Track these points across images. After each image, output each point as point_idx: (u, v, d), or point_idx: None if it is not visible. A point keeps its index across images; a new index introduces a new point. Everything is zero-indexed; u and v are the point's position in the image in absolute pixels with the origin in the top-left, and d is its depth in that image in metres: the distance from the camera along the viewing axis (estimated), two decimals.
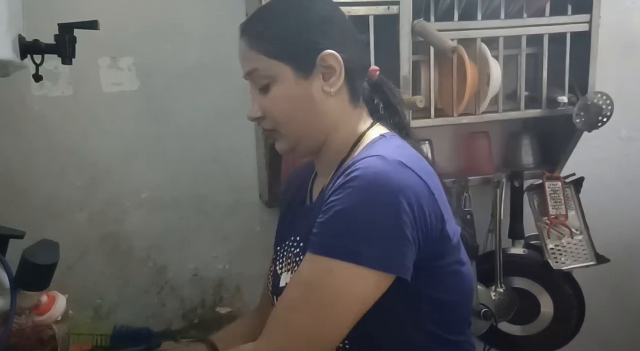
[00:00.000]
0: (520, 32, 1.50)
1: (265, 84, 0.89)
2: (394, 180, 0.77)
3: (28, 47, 0.91)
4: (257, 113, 0.91)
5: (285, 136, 0.92)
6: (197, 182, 1.54)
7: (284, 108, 0.89)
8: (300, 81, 0.87)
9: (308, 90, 0.88)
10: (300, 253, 0.91)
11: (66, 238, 1.42)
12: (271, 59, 0.87)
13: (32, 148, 1.40)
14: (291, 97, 0.88)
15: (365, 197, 0.76)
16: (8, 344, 1.14)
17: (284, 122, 0.90)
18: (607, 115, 1.53)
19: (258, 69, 0.89)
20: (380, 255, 0.75)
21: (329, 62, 0.87)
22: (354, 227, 0.76)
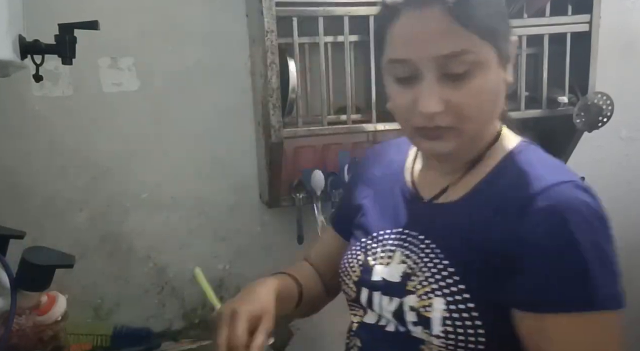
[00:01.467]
0: (520, 32, 1.50)
1: (465, 70, 0.71)
2: (601, 212, 0.72)
3: (28, 47, 0.91)
4: (437, 107, 0.73)
5: (462, 134, 0.76)
6: (197, 182, 1.54)
7: (483, 101, 0.74)
8: (499, 70, 0.74)
9: (501, 80, 0.75)
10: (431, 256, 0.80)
11: (66, 238, 1.43)
12: (483, 40, 0.71)
13: (32, 148, 1.40)
14: (492, 88, 0.74)
15: (590, 232, 0.69)
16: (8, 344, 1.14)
17: (474, 116, 0.74)
18: (607, 115, 1.53)
19: (467, 51, 0.71)
20: (622, 291, 0.73)
21: (514, 48, 0.77)
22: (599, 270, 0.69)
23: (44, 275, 0.87)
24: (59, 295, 0.98)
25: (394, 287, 0.81)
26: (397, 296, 0.80)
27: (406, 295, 0.79)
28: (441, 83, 0.72)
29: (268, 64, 1.32)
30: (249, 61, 1.51)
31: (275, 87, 1.34)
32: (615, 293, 0.70)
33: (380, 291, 0.84)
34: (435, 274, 0.77)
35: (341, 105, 1.50)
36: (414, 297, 0.78)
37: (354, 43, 1.47)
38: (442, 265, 0.77)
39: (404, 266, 0.82)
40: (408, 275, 0.80)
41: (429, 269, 0.78)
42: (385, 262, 0.85)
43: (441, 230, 0.80)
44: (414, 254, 0.81)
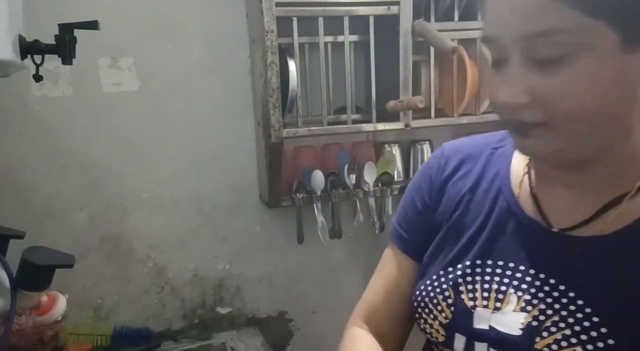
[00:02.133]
0: None
1: (559, 55, 0.56)
2: None
3: (28, 47, 0.91)
4: (521, 98, 0.58)
5: (559, 134, 0.59)
6: (197, 182, 1.54)
7: (587, 93, 0.56)
8: (625, 56, 0.56)
9: (628, 68, 0.57)
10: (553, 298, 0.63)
11: (66, 238, 1.43)
12: (589, 18, 0.55)
13: (32, 148, 1.40)
14: (605, 78, 0.56)
15: None
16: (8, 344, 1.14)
17: (575, 112, 0.57)
18: None
19: (563, 31, 0.55)
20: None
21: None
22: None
23: (44, 275, 0.87)
24: (59, 295, 0.98)
25: (514, 342, 0.63)
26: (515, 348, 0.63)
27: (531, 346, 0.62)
28: (530, 69, 0.58)
29: (268, 64, 1.32)
30: (249, 61, 1.51)
31: (275, 87, 1.34)
32: None
33: (487, 343, 0.66)
34: (581, 334, 0.60)
35: (341, 105, 1.50)
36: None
37: (354, 43, 1.47)
38: (591, 322, 0.60)
39: (525, 315, 0.64)
40: (534, 328, 0.62)
41: (569, 326, 0.61)
42: (493, 305, 0.67)
43: (584, 274, 0.62)
44: (540, 301, 0.64)
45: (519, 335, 0.63)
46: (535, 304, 0.63)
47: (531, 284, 0.65)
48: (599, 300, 0.60)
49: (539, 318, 0.63)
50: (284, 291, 1.67)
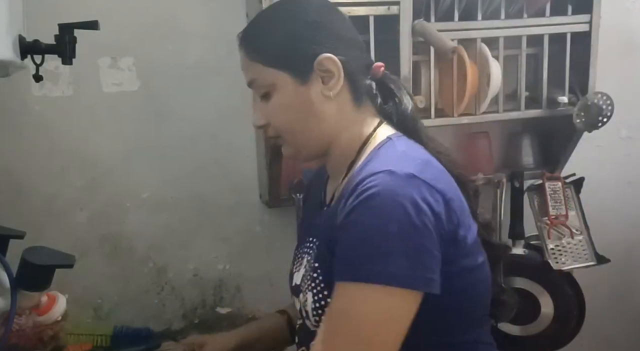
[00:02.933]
0: (520, 32, 1.50)
1: (265, 92, 0.90)
2: (406, 196, 0.76)
3: (28, 47, 0.91)
4: (260, 121, 0.93)
5: (288, 142, 0.93)
6: (197, 182, 1.54)
7: (285, 115, 0.90)
8: (299, 87, 0.88)
9: (307, 95, 0.88)
10: (311, 253, 0.92)
11: (66, 238, 1.43)
12: (268, 67, 0.88)
13: (32, 148, 1.40)
14: (291, 104, 0.89)
15: (381, 216, 0.75)
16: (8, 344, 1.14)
17: (286, 128, 0.91)
18: (607, 115, 1.53)
19: (257, 78, 0.90)
20: (405, 272, 0.74)
21: (327, 65, 0.86)
22: (374, 247, 0.75)
23: (44, 275, 0.87)
24: (59, 295, 0.98)
25: (297, 289, 0.93)
26: (297, 296, 0.93)
27: (298, 294, 0.92)
28: (261, 102, 0.92)
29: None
30: None
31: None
32: (382, 270, 0.74)
33: (294, 294, 0.96)
34: (312, 272, 0.88)
35: None
36: (302, 295, 0.90)
37: None
38: (312, 264, 0.89)
39: (304, 269, 0.93)
40: (304, 276, 0.91)
41: (311, 265, 0.89)
42: (297, 269, 0.96)
43: (321, 231, 0.91)
44: (311, 257, 0.92)
45: (298, 283, 0.93)
46: (309, 261, 0.91)
47: (311, 248, 0.93)
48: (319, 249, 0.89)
49: (307, 268, 0.91)
50: (284, 291, 1.65)
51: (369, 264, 0.75)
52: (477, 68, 1.46)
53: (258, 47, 0.89)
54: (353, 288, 0.76)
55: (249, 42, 0.91)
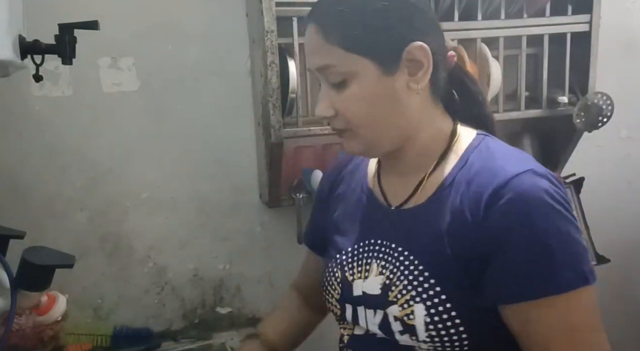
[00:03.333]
0: (520, 32, 1.50)
1: (340, 80, 0.78)
2: (558, 195, 0.74)
3: (28, 47, 0.91)
4: (328, 111, 0.81)
5: (360, 136, 0.81)
6: (197, 182, 1.54)
7: (363, 107, 0.79)
8: (384, 77, 0.77)
9: (392, 87, 0.78)
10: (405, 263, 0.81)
11: (66, 238, 1.43)
12: (351, 53, 0.76)
13: (32, 148, 1.40)
14: (372, 95, 0.78)
15: (552, 219, 0.72)
16: (8, 344, 1.14)
17: (361, 122, 0.80)
18: (607, 115, 1.53)
19: (334, 65, 0.78)
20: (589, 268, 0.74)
21: (417, 55, 0.77)
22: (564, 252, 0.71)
23: (44, 275, 0.87)
24: (59, 295, 0.98)
25: (376, 300, 0.82)
26: (380, 308, 0.82)
27: (388, 306, 0.80)
28: (331, 89, 0.80)
29: (268, 64, 1.32)
30: (249, 61, 1.51)
31: (275, 87, 1.34)
32: (582, 270, 0.72)
33: (363, 305, 0.85)
34: (413, 281, 0.79)
35: None
36: (396, 307, 0.79)
37: None
38: (418, 271, 0.79)
39: (381, 277, 0.83)
40: (387, 285, 0.81)
41: (406, 277, 0.80)
42: (363, 275, 0.86)
43: (411, 236, 0.82)
44: (389, 264, 0.82)
45: (378, 293, 0.82)
46: (387, 267, 0.83)
47: (384, 252, 0.84)
48: (424, 254, 0.79)
49: (389, 277, 0.81)
50: (284, 291, 1.66)
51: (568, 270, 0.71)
52: (477, 68, 1.46)
53: (341, 29, 0.77)
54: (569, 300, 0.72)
55: (328, 21, 0.77)
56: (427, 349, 0.78)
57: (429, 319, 0.76)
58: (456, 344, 0.76)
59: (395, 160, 0.86)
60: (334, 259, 0.92)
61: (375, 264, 0.84)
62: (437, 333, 0.76)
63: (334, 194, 0.99)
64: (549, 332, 0.73)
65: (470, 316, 0.76)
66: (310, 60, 0.81)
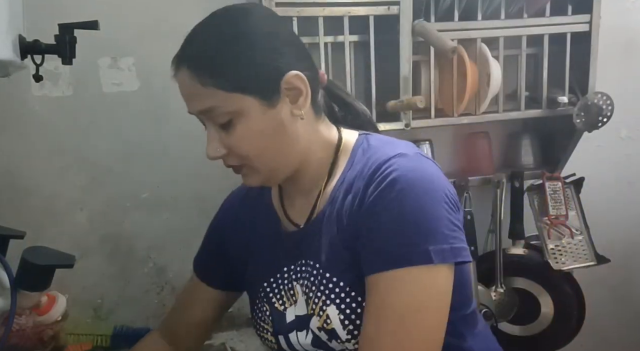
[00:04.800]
0: (520, 32, 1.50)
1: (226, 120, 0.79)
2: (429, 174, 0.77)
3: (28, 47, 0.91)
4: (219, 152, 0.82)
5: (256, 169, 0.83)
6: (197, 182, 1.54)
7: (254, 142, 0.80)
8: (268, 110, 0.78)
9: (277, 118, 0.79)
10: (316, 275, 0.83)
11: (66, 238, 1.43)
12: (231, 93, 0.77)
13: (32, 148, 1.40)
14: (261, 130, 0.79)
15: (414, 197, 0.74)
16: (8, 344, 1.14)
17: (255, 156, 0.81)
18: (607, 115, 1.53)
19: (217, 106, 0.78)
20: (444, 247, 0.74)
21: (294, 83, 0.79)
22: (414, 229, 0.74)
23: (44, 275, 0.87)
24: (59, 295, 0.97)
25: (303, 319, 0.85)
26: (306, 325, 0.84)
27: (309, 320, 0.83)
28: (218, 130, 0.81)
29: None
30: None
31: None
32: (424, 250, 0.73)
33: (295, 329, 0.86)
34: (324, 289, 0.81)
35: None
36: (315, 318, 0.82)
37: (354, 43, 1.47)
38: (326, 278, 0.82)
39: (304, 297, 0.85)
40: (308, 301, 0.84)
41: (318, 287, 0.82)
42: (292, 300, 0.88)
43: (317, 247, 0.84)
44: (307, 281, 0.85)
45: (305, 313, 0.84)
46: (306, 285, 0.85)
47: (302, 271, 0.86)
48: (327, 259, 0.82)
49: (308, 293, 0.84)
50: None
51: (417, 247, 0.73)
52: (477, 68, 1.46)
53: (216, 71, 0.77)
54: (404, 274, 0.73)
55: (200, 65, 0.79)
56: (354, 348, 0.80)
57: (343, 316, 0.79)
58: None
59: (295, 182, 0.88)
60: (258, 294, 0.93)
61: (298, 286, 0.87)
62: (354, 327, 0.79)
63: (239, 224, 1.00)
64: (379, 308, 0.75)
65: None
66: (190, 105, 0.82)
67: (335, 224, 0.82)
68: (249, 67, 0.77)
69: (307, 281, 0.85)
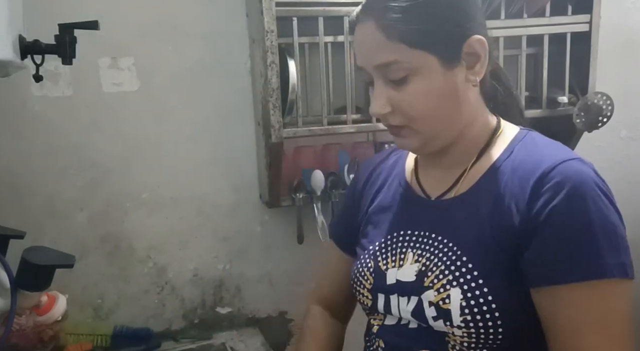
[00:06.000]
0: (520, 32, 1.50)
1: (402, 76, 0.78)
2: (603, 185, 0.76)
3: (28, 47, 0.91)
4: (385, 108, 0.81)
5: (419, 132, 0.82)
6: (197, 182, 1.54)
7: (426, 102, 0.79)
8: (447, 72, 0.78)
9: (453, 81, 0.79)
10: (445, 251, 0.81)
11: (66, 238, 1.43)
12: (414, 49, 0.76)
13: (32, 148, 1.40)
14: (436, 90, 0.78)
15: (598, 206, 0.73)
16: (8, 344, 1.14)
17: (421, 117, 0.80)
18: (607, 115, 1.53)
19: (398, 61, 0.77)
20: (630, 262, 0.74)
21: (476, 48, 0.78)
22: (607, 239, 0.72)
23: (44, 275, 0.87)
24: (59, 295, 0.98)
25: (410, 286, 0.83)
26: (415, 294, 0.82)
27: (423, 291, 0.81)
28: (388, 86, 0.80)
29: (268, 64, 1.32)
30: (249, 61, 1.51)
31: (275, 87, 1.34)
32: (623, 262, 0.72)
33: (396, 293, 0.85)
34: (450, 266, 0.79)
35: (341, 105, 1.50)
36: (431, 292, 0.80)
37: None
38: (456, 256, 0.80)
39: (417, 265, 0.83)
40: (423, 272, 0.82)
41: (444, 263, 0.80)
42: (397, 264, 0.86)
43: (451, 224, 0.83)
44: (426, 252, 0.83)
45: (413, 280, 0.83)
46: (423, 255, 0.83)
47: (421, 241, 0.85)
48: (463, 240, 0.80)
49: (425, 263, 0.82)
50: (284, 291, 1.67)
51: (610, 258, 0.71)
52: None
53: (402, 25, 0.76)
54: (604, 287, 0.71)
55: (388, 17, 0.77)
56: (460, 336, 0.78)
57: (465, 303, 0.76)
58: (490, 331, 0.76)
59: (440, 154, 0.87)
60: (367, 250, 0.93)
61: (411, 253, 0.85)
62: (472, 318, 0.76)
63: (370, 189, 1.00)
64: (580, 318, 0.72)
65: (506, 302, 0.76)
66: (369, 58, 0.80)
67: (485, 209, 0.79)
68: (436, 25, 0.77)
69: (425, 252, 0.83)
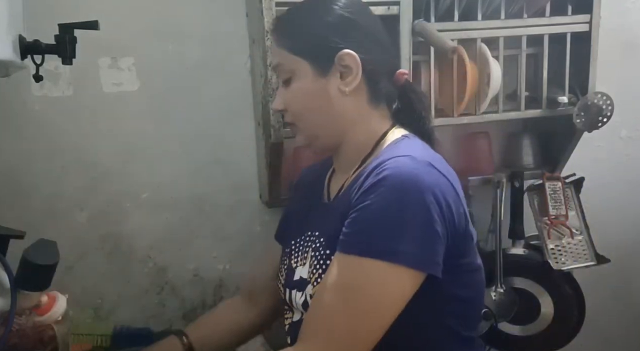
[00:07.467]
0: (520, 32, 1.50)
1: (287, 78, 0.94)
2: (424, 179, 0.80)
3: (28, 47, 0.91)
4: (279, 105, 0.97)
5: (302, 130, 0.97)
6: (197, 182, 1.54)
7: (301, 102, 0.93)
8: (318, 78, 0.92)
9: (325, 87, 0.91)
10: (320, 248, 0.92)
11: (66, 238, 1.42)
12: (292, 54, 0.92)
13: (32, 148, 1.40)
14: (308, 92, 0.92)
15: (398, 196, 0.79)
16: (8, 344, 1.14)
17: (301, 116, 0.95)
18: (607, 115, 1.53)
19: (281, 63, 0.94)
20: (414, 252, 0.77)
21: (346, 61, 0.90)
22: (388, 225, 0.78)
23: (44, 275, 0.87)
24: (59, 295, 0.98)
25: (304, 282, 0.94)
26: (303, 289, 0.93)
27: (306, 286, 0.92)
28: (282, 87, 0.96)
29: (268, 63, 1.32)
30: (249, 61, 1.51)
31: (275, 87, 1.34)
32: (394, 250, 0.77)
33: (296, 288, 0.96)
34: (319, 260, 0.90)
35: None
36: (310, 286, 0.91)
37: None
38: (326, 253, 0.90)
39: (310, 263, 0.94)
40: (311, 270, 0.93)
41: (319, 259, 0.91)
42: (301, 263, 0.97)
43: (327, 223, 0.92)
44: (316, 251, 0.93)
45: (307, 277, 0.93)
46: (314, 255, 0.93)
47: (314, 241, 0.95)
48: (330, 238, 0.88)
49: (313, 262, 0.92)
50: None
51: (382, 241, 0.78)
52: (477, 68, 1.46)
53: (287, 34, 0.94)
54: (360, 262, 0.79)
55: (278, 28, 0.96)
56: None
57: None
58: None
59: (336, 158, 1.00)
60: (286, 250, 1.05)
61: (311, 252, 0.95)
62: None
63: (298, 193, 1.14)
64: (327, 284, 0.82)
65: None
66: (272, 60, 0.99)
67: (345, 206, 0.87)
68: (312, 37, 0.92)
69: (315, 251, 0.93)
